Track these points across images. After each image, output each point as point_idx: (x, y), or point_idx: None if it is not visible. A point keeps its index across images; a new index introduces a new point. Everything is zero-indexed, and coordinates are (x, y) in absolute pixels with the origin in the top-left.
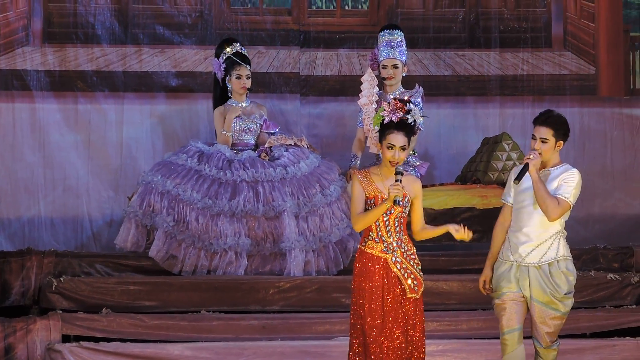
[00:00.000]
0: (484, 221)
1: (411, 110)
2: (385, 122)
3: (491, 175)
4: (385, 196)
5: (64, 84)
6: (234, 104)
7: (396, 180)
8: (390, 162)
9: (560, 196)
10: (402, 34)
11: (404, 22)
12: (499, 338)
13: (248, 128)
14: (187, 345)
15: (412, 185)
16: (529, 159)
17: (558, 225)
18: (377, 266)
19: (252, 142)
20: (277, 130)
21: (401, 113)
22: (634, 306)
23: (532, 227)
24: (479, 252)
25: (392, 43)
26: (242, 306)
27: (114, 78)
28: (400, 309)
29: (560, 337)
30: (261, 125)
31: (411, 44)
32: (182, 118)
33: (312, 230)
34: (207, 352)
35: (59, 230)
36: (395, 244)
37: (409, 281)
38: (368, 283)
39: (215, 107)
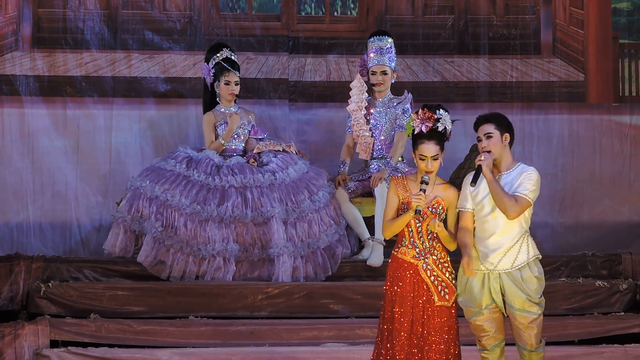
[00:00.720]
0: None
1: (441, 118)
2: (415, 132)
3: None
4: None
5: (53, 89)
6: (222, 110)
7: (420, 190)
8: (423, 171)
9: (518, 194)
10: (392, 40)
11: (393, 28)
12: None
13: (236, 134)
14: (175, 351)
15: (445, 192)
16: (480, 160)
17: (524, 225)
18: (408, 272)
19: (241, 147)
20: (265, 136)
21: (431, 122)
22: (622, 313)
23: (499, 234)
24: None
25: (382, 49)
26: (230, 312)
27: (103, 83)
28: (429, 316)
29: (548, 344)
30: (249, 131)
31: (400, 50)
32: (171, 123)
33: (300, 236)
34: (195, 358)
35: (47, 236)
36: (427, 251)
37: (439, 288)
38: (399, 288)
39: (205, 112)
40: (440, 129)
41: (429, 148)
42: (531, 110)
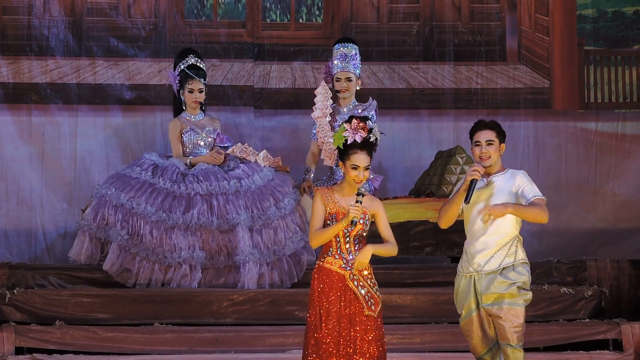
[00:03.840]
0: (437, 235)
1: (372, 129)
2: (348, 142)
3: (445, 189)
4: (347, 213)
5: (17, 96)
6: (187, 117)
7: (357, 201)
8: (354, 180)
9: (534, 198)
10: (357, 47)
11: (358, 35)
12: (452, 352)
13: (203, 141)
14: (140, 358)
15: (370, 202)
16: (474, 171)
17: (515, 230)
18: (335, 282)
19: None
20: (230, 144)
21: (364, 133)
22: (588, 320)
23: (488, 236)
24: (432, 266)
25: (346, 56)
26: (195, 319)
27: (68, 90)
28: (356, 326)
29: None
30: (214, 139)
31: (365, 57)
32: (136, 130)
33: (266, 243)
34: None
35: (12, 242)
36: (353, 262)
37: (366, 298)
38: (325, 299)
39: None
40: (372, 139)
41: (362, 158)
42: (496, 116)
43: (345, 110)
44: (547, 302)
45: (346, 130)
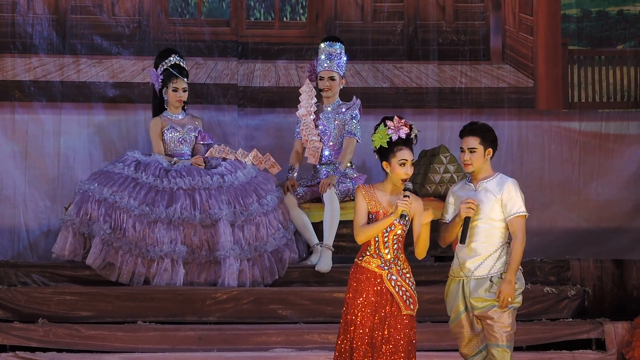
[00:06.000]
0: None
1: (412, 126)
2: (393, 139)
3: (428, 188)
4: (389, 211)
5: (1, 93)
6: (168, 116)
7: (404, 196)
8: (402, 179)
9: (513, 216)
10: (342, 46)
11: (343, 34)
12: (435, 351)
13: (183, 139)
14: (123, 356)
15: (414, 204)
16: (468, 208)
17: (504, 238)
18: (372, 281)
19: (188, 152)
20: (213, 142)
21: (406, 129)
22: (571, 319)
23: (478, 242)
24: (415, 265)
25: (331, 55)
26: (178, 317)
27: (51, 88)
28: (391, 326)
29: None
30: (196, 137)
31: (349, 55)
32: (120, 128)
33: (247, 239)
34: None
35: None
36: (391, 261)
37: (404, 298)
38: (361, 297)
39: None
40: (412, 135)
41: (408, 153)
42: (480, 116)
43: (329, 109)
44: (530, 302)
45: (389, 128)
